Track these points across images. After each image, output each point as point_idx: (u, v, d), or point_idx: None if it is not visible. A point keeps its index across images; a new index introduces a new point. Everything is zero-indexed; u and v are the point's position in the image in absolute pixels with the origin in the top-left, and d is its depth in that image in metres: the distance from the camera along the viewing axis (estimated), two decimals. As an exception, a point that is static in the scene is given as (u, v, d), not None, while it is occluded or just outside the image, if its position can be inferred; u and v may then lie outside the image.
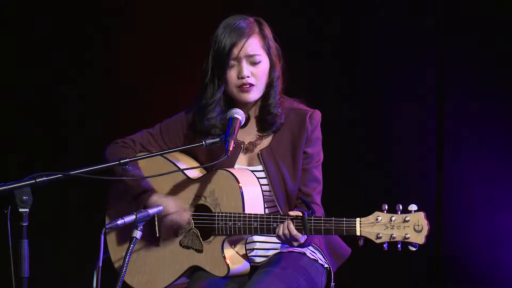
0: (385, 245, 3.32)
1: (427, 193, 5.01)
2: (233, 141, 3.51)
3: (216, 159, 3.56)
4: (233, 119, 3.60)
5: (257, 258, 3.71)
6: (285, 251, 3.67)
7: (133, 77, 5.35)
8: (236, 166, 3.73)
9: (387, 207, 3.33)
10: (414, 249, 3.31)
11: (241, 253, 3.67)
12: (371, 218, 3.34)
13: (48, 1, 5.38)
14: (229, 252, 3.64)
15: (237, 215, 3.56)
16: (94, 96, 5.43)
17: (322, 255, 3.71)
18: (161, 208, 3.54)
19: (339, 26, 5.10)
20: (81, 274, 4.24)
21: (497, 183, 4.92)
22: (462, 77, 4.97)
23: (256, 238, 3.69)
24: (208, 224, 3.63)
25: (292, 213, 3.49)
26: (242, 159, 3.75)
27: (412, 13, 5.02)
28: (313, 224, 3.42)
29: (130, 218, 3.40)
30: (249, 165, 3.73)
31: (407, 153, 5.06)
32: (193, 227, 3.68)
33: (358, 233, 3.34)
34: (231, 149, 3.49)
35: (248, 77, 3.65)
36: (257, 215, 3.54)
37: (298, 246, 3.53)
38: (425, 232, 3.29)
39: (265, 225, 3.52)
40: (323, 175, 3.78)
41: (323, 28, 5.12)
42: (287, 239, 3.48)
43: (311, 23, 5.13)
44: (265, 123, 3.72)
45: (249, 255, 3.69)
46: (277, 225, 3.49)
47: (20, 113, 5.45)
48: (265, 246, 3.71)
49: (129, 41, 5.35)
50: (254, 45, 3.66)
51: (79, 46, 5.40)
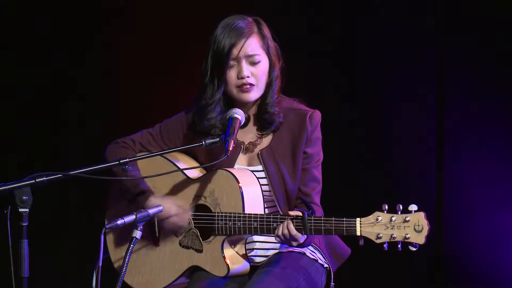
0: (385, 245, 3.32)
1: (427, 193, 5.00)
2: (233, 141, 3.51)
3: (216, 159, 3.56)
4: (233, 119, 3.59)
5: (257, 258, 3.71)
6: (285, 251, 3.66)
7: (133, 77, 5.35)
8: (236, 166, 3.73)
9: (387, 207, 3.33)
10: (414, 249, 3.31)
11: (241, 253, 3.67)
12: (371, 218, 3.34)
13: (48, 1, 5.37)
14: (229, 252, 3.63)
15: (237, 215, 3.56)
16: (94, 96, 5.43)
17: (322, 255, 3.70)
18: (161, 208, 3.54)
19: (339, 26, 5.10)
20: (81, 274, 4.24)
21: (497, 183, 4.91)
22: (462, 77, 4.97)
23: (256, 238, 3.69)
24: (208, 224, 3.63)
25: (292, 213, 3.48)
26: (242, 159, 3.75)
27: (412, 13, 5.02)
28: (313, 224, 3.42)
29: (130, 218, 3.40)
30: (249, 165, 3.73)
31: (407, 153, 5.06)
32: (193, 227, 3.67)
33: (358, 233, 3.34)
34: (231, 149, 3.49)
35: (248, 77, 3.65)
36: (257, 215, 3.54)
37: (297, 246, 3.53)
38: (425, 232, 3.29)
39: (265, 225, 3.52)
40: (323, 175, 3.78)
41: (323, 28, 5.12)
42: (287, 239, 3.47)
43: (311, 23, 5.13)
44: (264, 122, 3.72)
45: (249, 255, 3.68)
46: (277, 225, 3.49)
47: (20, 113, 5.45)
48: (265, 246, 3.71)
49: (129, 41, 5.35)
50: (253, 45, 3.65)
51: (79, 46, 5.40)
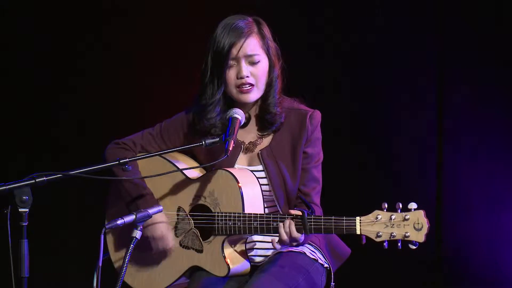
0: (385, 244, 3.32)
1: (427, 193, 5.00)
2: (233, 141, 3.50)
3: (215, 159, 3.56)
4: (233, 119, 3.59)
5: (257, 257, 3.71)
6: (285, 250, 3.66)
7: (133, 77, 5.35)
8: (236, 166, 3.72)
9: (387, 206, 3.33)
10: (414, 248, 3.30)
11: (241, 253, 3.67)
12: (371, 216, 3.34)
13: (48, 1, 5.37)
14: (229, 252, 3.63)
15: (236, 215, 3.56)
16: (94, 96, 5.43)
17: (322, 255, 3.70)
18: (161, 208, 3.53)
19: (339, 26, 5.10)
20: (81, 274, 4.24)
21: (497, 183, 4.91)
22: (462, 77, 4.96)
23: (256, 237, 3.69)
24: (208, 224, 3.63)
25: (292, 212, 3.48)
26: (242, 159, 3.75)
27: (412, 13, 5.02)
28: (313, 223, 3.42)
29: (130, 218, 3.40)
30: (249, 165, 3.73)
31: (407, 153, 5.06)
32: (193, 227, 3.67)
33: (358, 232, 3.34)
34: (230, 149, 3.48)
35: (247, 77, 3.64)
36: (257, 214, 3.54)
37: (296, 245, 3.53)
38: (425, 230, 3.29)
39: (265, 224, 3.52)
40: (323, 174, 3.78)
41: (323, 28, 5.12)
42: (287, 241, 3.48)
43: (311, 23, 5.13)
44: (265, 123, 3.71)
45: (249, 254, 3.68)
46: (277, 225, 3.49)
47: (20, 112, 5.45)
48: (265, 245, 3.70)
49: (129, 41, 5.35)
50: (253, 45, 3.65)
51: (79, 46, 5.40)
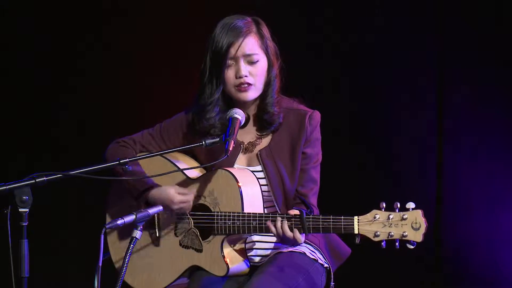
0: (383, 243, 3.31)
1: (427, 193, 5.00)
2: (233, 141, 3.51)
3: (215, 159, 3.56)
4: (233, 119, 3.60)
5: (256, 257, 3.71)
6: (285, 250, 3.66)
7: (133, 77, 5.35)
8: (235, 166, 3.73)
9: (385, 205, 3.33)
10: (412, 247, 3.30)
11: (240, 253, 3.67)
12: (369, 216, 3.34)
13: (48, 1, 5.38)
14: (229, 251, 3.63)
15: (236, 214, 3.57)
16: (94, 96, 5.43)
17: (321, 255, 3.70)
18: (161, 208, 3.53)
19: (339, 26, 5.10)
20: (81, 274, 4.25)
21: (497, 183, 4.91)
22: (462, 77, 4.96)
23: (255, 237, 3.69)
24: (207, 223, 3.63)
25: (291, 212, 3.49)
26: (241, 159, 3.75)
27: (412, 13, 5.02)
28: (311, 222, 3.42)
29: (130, 218, 3.40)
30: (248, 165, 3.73)
31: (407, 153, 5.06)
32: (193, 226, 3.68)
33: (356, 231, 3.34)
34: (230, 149, 3.49)
35: (246, 76, 3.64)
36: (256, 214, 3.54)
37: (293, 244, 3.53)
38: (423, 230, 3.29)
39: (264, 224, 3.52)
40: (323, 174, 3.78)
41: (323, 28, 5.12)
42: (283, 239, 3.48)
43: (311, 23, 5.13)
44: (263, 123, 3.72)
45: (248, 254, 3.69)
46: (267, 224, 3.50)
47: (20, 112, 5.45)
48: (264, 245, 3.71)
49: (129, 41, 5.35)
50: (251, 45, 3.65)
51: (79, 46, 5.40)
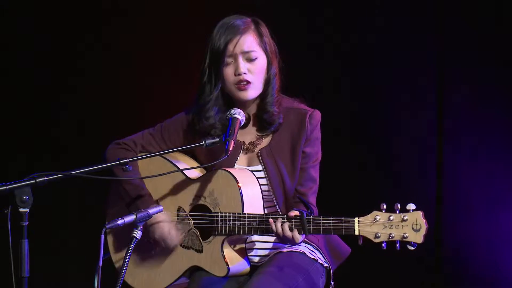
0: (383, 245, 3.32)
1: (427, 193, 5.00)
2: (233, 141, 3.51)
3: (216, 159, 3.56)
4: (233, 119, 3.59)
5: (256, 258, 3.71)
6: (285, 250, 3.66)
7: (133, 77, 5.35)
8: (236, 166, 3.73)
9: (385, 206, 3.33)
10: (412, 248, 3.30)
11: (240, 253, 3.67)
12: (369, 217, 3.34)
13: (48, 1, 5.38)
14: (229, 252, 3.63)
15: (236, 215, 3.57)
16: (94, 96, 5.43)
17: (321, 255, 3.70)
18: (161, 208, 3.53)
19: (339, 26, 5.10)
20: (81, 274, 4.25)
21: (497, 183, 4.91)
22: (462, 77, 4.96)
23: (255, 238, 3.69)
24: (207, 224, 3.63)
25: (291, 214, 3.48)
26: (242, 159, 3.75)
27: (412, 13, 5.02)
28: (312, 223, 3.42)
29: (130, 218, 3.40)
30: (248, 165, 3.73)
31: (407, 153, 5.06)
32: (193, 227, 3.68)
33: (356, 233, 3.34)
34: (231, 149, 3.49)
35: (245, 73, 3.64)
36: (256, 215, 3.54)
37: (292, 243, 3.54)
38: (423, 231, 3.29)
39: (264, 225, 3.52)
40: (323, 174, 3.78)
41: (323, 28, 5.12)
42: (282, 239, 3.48)
43: (311, 23, 5.13)
44: (263, 123, 3.71)
45: (248, 255, 3.69)
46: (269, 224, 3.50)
47: (20, 112, 5.45)
48: (264, 246, 3.71)
49: (129, 41, 5.35)
50: (249, 42, 3.65)
51: (79, 46, 5.40)
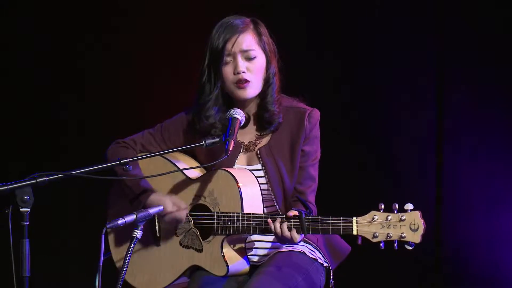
0: (381, 244, 3.32)
1: (426, 193, 5.00)
2: (233, 141, 3.51)
3: (215, 159, 3.56)
4: (233, 119, 3.60)
5: (256, 257, 3.71)
6: (284, 250, 3.66)
7: (133, 77, 5.36)
8: (235, 165, 3.73)
9: (383, 206, 3.33)
10: (410, 248, 3.31)
11: (240, 253, 3.67)
12: (367, 217, 3.34)
13: (48, 1, 5.38)
14: (229, 251, 3.64)
15: (236, 214, 3.57)
16: (94, 96, 5.43)
17: (321, 254, 3.70)
18: (161, 208, 3.54)
19: (339, 26, 5.10)
20: (81, 274, 4.25)
21: (497, 183, 4.91)
22: (462, 77, 4.96)
23: (255, 237, 3.69)
24: (207, 223, 3.63)
25: (290, 213, 3.49)
26: (241, 158, 3.75)
27: (412, 13, 5.02)
28: (310, 223, 3.43)
29: (130, 217, 3.40)
30: (248, 164, 3.73)
31: (407, 153, 5.06)
32: (193, 227, 3.68)
33: (354, 233, 3.34)
34: (231, 149, 3.49)
35: (243, 72, 3.64)
36: (256, 214, 3.55)
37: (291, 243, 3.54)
38: (421, 231, 3.29)
39: (263, 224, 3.52)
40: (323, 174, 3.78)
41: (324, 28, 5.12)
42: (281, 238, 3.49)
43: (311, 23, 5.13)
44: (263, 122, 3.72)
45: (248, 254, 3.69)
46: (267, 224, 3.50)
47: (20, 112, 5.46)
48: (264, 245, 3.71)
49: (129, 41, 5.36)
50: (248, 41, 3.65)
51: (79, 46, 5.41)
